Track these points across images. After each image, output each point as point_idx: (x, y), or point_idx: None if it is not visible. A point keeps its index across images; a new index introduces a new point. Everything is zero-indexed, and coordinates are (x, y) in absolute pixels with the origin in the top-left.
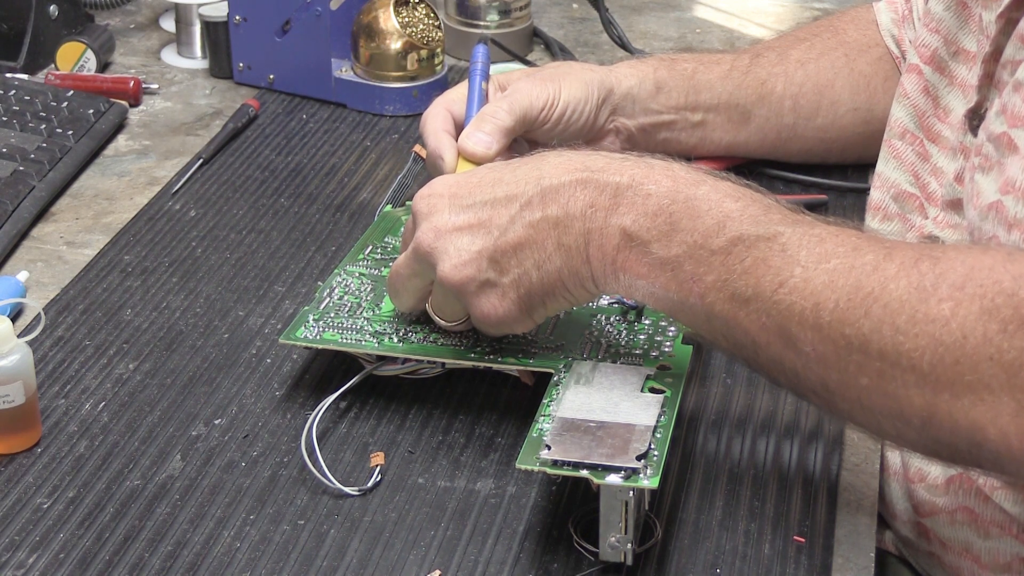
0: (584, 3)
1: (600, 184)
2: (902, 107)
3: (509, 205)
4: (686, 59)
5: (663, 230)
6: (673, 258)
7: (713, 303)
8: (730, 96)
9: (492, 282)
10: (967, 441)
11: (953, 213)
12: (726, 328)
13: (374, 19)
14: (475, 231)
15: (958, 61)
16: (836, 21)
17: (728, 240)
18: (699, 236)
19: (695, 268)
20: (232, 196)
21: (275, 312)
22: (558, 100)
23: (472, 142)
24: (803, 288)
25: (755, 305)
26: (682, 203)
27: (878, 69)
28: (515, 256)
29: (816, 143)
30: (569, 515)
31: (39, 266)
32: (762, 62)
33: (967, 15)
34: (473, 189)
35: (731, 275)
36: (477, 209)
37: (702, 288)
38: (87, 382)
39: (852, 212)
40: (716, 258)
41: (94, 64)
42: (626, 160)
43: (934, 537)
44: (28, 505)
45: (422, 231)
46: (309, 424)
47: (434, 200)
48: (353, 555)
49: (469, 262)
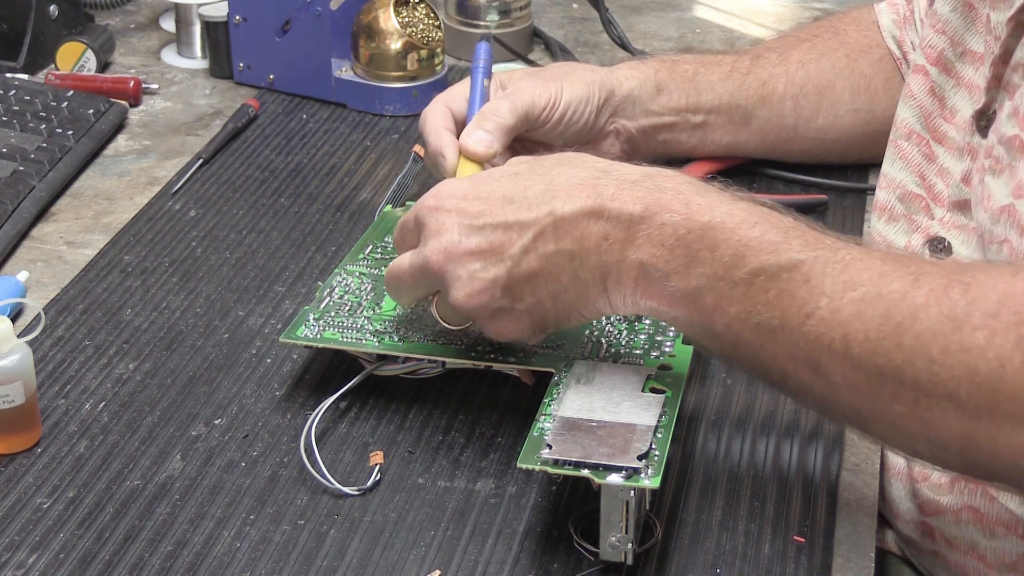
0: (584, 3)
1: (613, 215)
2: (908, 108)
3: (522, 232)
4: (687, 60)
5: (681, 262)
6: (694, 290)
7: (739, 333)
8: (731, 97)
9: (506, 308)
10: (1008, 465)
11: (960, 214)
12: (752, 356)
13: (374, 19)
14: (487, 257)
15: (964, 62)
16: (837, 22)
17: (749, 272)
18: (719, 268)
19: (717, 300)
20: (232, 196)
21: (275, 312)
22: (560, 100)
23: (473, 140)
24: (830, 319)
25: (782, 336)
26: (698, 233)
27: (879, 70)
28: (529, 286)
29: (816, 143)
30: (569, 515)
31: (39, 266)
32: (763, 63)
33: (974, 16)
34: (483, 208)
35: (755, 306)
36: (488, 233)
37: (726, 319)
38: (87, 382)
39: (852, 212)
40: (738, 290)
41: (94, 64)
42: (637, 185)
43: (939, 536)
44: (28, 505)
45: (431, 250)
46: (309, 424)
47: (442, 217)
48: (353, 555)
49: (483, 291)
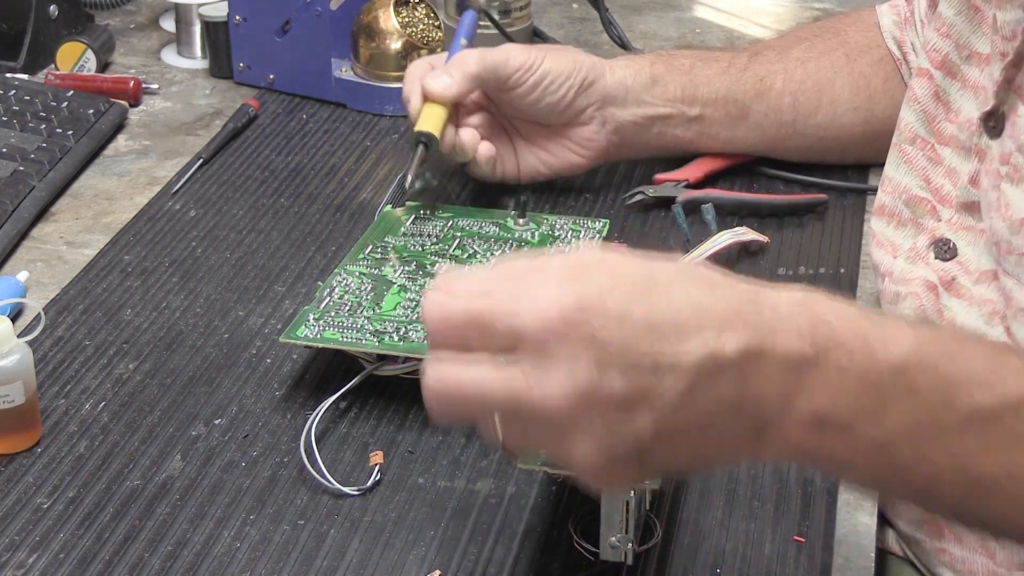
0: (584, 3)
1: (779, 357)
2: (912, 111)
3: (676, 376)
4: (684, 55)
5: (869, 409)
6: (887, 441)
7: (949, 487)
8: (728, 91)
9: (632, 463)
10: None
11: (967, 215)
12: (959, 509)
13: (374, 19)
14: (633, 407)
15: (971, 64)
16: (838, 23)
17: (964, 417)
18: (923, 414)
19: (921, 450)
20: (232, 196)
21: (275, 312)
22: (537, 67)
23: (433, 81)
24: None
25: (1009, 487)
26: (889, 376)
27: (878, 70)
28: (673, 441)
29: (815, 141)
30: (569, 515)
31: (39, 266)
32: (761, 59)
33: (980, 19)
34: (625, 338)
35: (972, 456)
36: (635, 374)
37: (930, 471)
38: (87, 382)
39: (852, 212)
40: (950, 438)
41: (94, 64)
42: (794, 315)
43: (949, 532)
44: (28, 505)
45: (557, 387)
46: (309, 424)
47: (571, 345)
48: (353, 555)
49: (620, 447)
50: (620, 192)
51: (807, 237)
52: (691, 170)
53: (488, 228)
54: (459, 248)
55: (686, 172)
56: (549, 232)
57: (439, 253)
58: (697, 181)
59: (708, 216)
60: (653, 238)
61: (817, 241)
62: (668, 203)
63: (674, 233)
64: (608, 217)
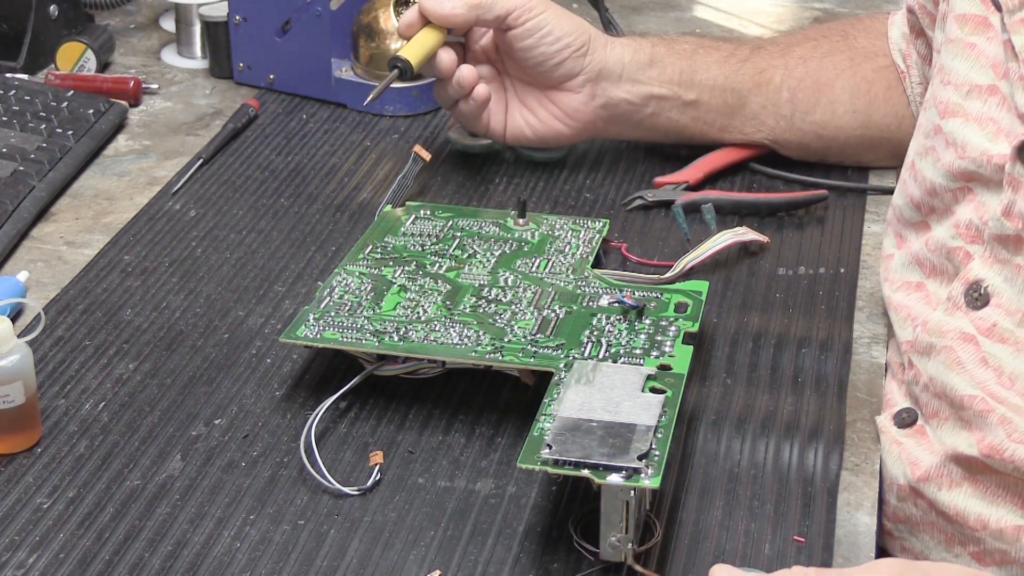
0: (584, 3)
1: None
2: (935, 171)
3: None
4: (687, 40)
5: None
6: None
7: None
8: (726, 79)
9: None
10: None
11: (1002, 248)
12: None
13: (374, 19)
14: None
15: (971, 98)
16: (848, 27)
17: None
18: None
19: None
20: (232, 196)
21: (275, 312)
22: (537, 14)
23: (432, 1)
24: None
25: None
26: None
27: (881, 77)
28: None
29: (814, 138)
30: (569, 515)
31: (39, 266)
32: (763, 53)
33: (975, 54)
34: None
35: None
36: None
37: None
38: (87, 382)
39: (852, 212)
40: None
41: (94, 64)
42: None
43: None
44: (28, 505)
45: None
46: (309, 424)
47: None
48: (353, 555)
49: None
50: (620, 192)
51: (807, 237)
52: (690, 172)
53: (488, 228)
54: (459, 248)
55: (685, 174)
56: (549, 232)
57: (439, 253)
58: (697, 183)
59: (708, 216)
60: (653, 238)
61: (817, 241)
62: (668, 203)
63: (674, 233)
64: (608, 217)
